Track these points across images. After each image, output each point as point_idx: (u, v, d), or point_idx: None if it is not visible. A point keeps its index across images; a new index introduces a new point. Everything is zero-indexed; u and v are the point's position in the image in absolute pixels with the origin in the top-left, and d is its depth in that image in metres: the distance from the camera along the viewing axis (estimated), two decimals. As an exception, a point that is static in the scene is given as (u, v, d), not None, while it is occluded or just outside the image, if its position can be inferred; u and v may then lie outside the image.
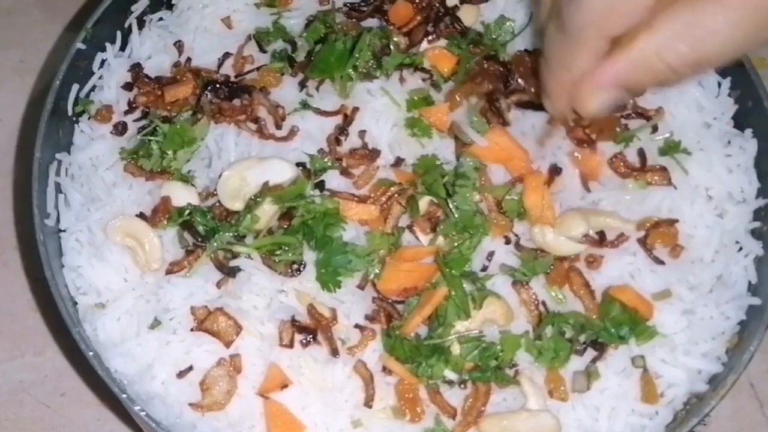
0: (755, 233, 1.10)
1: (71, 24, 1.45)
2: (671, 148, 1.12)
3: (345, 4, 1.21)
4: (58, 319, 0.97)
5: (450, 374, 0.99)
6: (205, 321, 0.98)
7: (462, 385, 0.99)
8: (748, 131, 1.13)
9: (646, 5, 0.72)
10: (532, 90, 1.12)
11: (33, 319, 1.25)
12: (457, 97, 1.13)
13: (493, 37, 1.18)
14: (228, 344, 0.98)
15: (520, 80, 1.14)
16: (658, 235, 1.07)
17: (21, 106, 1.41)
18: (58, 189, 1.08)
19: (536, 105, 1.12)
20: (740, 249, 1.08)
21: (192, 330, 1.00)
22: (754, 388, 1.25)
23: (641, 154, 1.11)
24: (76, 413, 1.20)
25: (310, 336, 0.99)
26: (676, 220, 1.07)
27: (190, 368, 0.98)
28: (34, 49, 1.44)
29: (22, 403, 1.20)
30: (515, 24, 1.19)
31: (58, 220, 1.07)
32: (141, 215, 1.06)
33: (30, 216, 1.02)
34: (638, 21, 0.73)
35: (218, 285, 1.02)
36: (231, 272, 1.02)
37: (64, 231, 1.07)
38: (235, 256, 1.03)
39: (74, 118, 1.14)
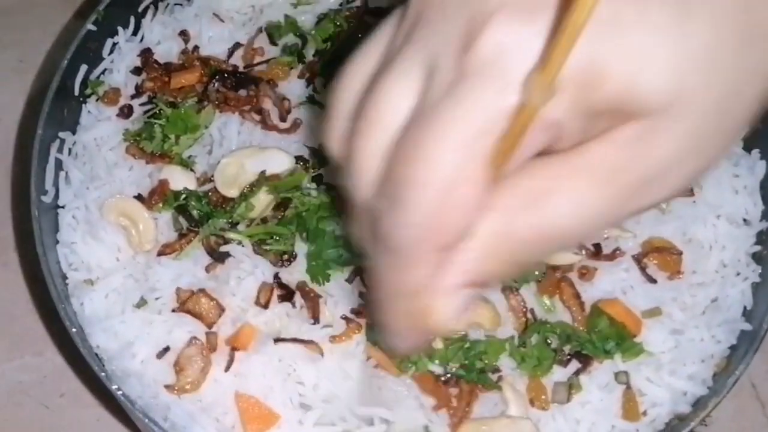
0: (756, 257, 1.08)
1: (80, 11, 1.46)
2: None
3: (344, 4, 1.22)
4: (58, 319, 0.97)
5: (436, 368, 0.98)
6: (186, 302, 0.98)
7: (448, 382, 0.98)
8: (755, 152, 1.11)
9: (477, 203, 0.54)
10: None
11: (32, 319, 1.24)
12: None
13: None
14: (210, 326, 0.99)
15: None
16: (661, 260, 1.05)
17: (20, 106, 1.40)
18: (59, 167, 1.10)
19: None
20: (738, 273, 1.06)
21: (173, 311, 1.00)
22: (756, 388, 1.22)
23: None
24: (75, 414, 1.19)
25: (290, 296, 1.00)
26: (681, 252, 1.05)
27: (167, 349, 0.98)
28: (34, 49, 1.43)
29: (21, 404, 1.19)
30: None
31: (56, 197, 1.09)
32: (138, 197, 1.08)
33: (28, 201, 1.03)
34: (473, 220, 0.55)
35: (207, 269, 1.03)
36: (221, 257, 1.03)
37: (62, 207, 1.09)
38: (227, 242, 1.04)
39: (81, 99, 1.15)
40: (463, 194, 0.53)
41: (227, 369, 0.97)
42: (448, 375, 0.98)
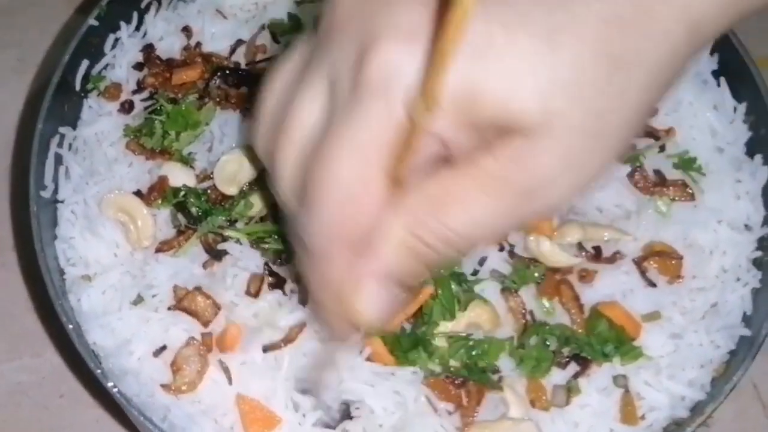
0: (756, 263, 1.07)
1: (82, 7, 1.46)
2: (685, 163, 1.11)
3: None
4: (56, 320, 0.96)
5: (436, 367, 0.97)
6: (183, 300, 0.98)
7: (451, 380, 0.97)
8: (758, 157, 1.11)
9: (378, 204, 0.60)
10: None
11: (31, 320, 1.24)
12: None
13: None
14: (206, 324, 0.98)
15: None
16: (661, 263, 1.05)
17: (19, 106, 1.39)
18: (59, 162, 1.09)
19: None
20: (738, 279, 1.06)
21: (169, 309, 1.00)
22: (758, 389, 1.21)
23: (657, 171, 1.10)
24: (74, 415, 1.18)
25: (281, 283, 0.99)
26: (682, 256, 1.05)
27: (164, 348, 0.98)
28: (33, 49, 1.43)
29: (20, 404, 1.18)
30: None
31: (55, 192, 1.08)
32: (137, 193, 1.07)
33: (27, 200, 1.02)
34: (380, 216, 0.61)
35: (204, 266, 1.03)
36: (218, 255, 1.03)
37: (61, 202, 1.08)
38: (225, 239, 1.04)
39: (82, 94, 1.15)
40: (362, 196, 0.60)
41: (230, 382, 0.96)
42: (455, 377, 0.97)
